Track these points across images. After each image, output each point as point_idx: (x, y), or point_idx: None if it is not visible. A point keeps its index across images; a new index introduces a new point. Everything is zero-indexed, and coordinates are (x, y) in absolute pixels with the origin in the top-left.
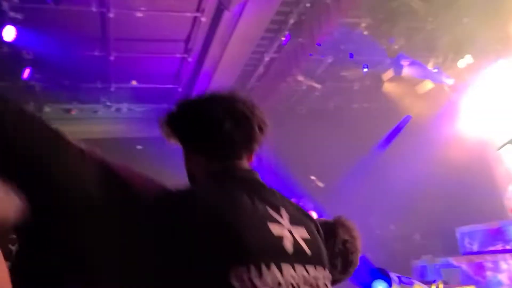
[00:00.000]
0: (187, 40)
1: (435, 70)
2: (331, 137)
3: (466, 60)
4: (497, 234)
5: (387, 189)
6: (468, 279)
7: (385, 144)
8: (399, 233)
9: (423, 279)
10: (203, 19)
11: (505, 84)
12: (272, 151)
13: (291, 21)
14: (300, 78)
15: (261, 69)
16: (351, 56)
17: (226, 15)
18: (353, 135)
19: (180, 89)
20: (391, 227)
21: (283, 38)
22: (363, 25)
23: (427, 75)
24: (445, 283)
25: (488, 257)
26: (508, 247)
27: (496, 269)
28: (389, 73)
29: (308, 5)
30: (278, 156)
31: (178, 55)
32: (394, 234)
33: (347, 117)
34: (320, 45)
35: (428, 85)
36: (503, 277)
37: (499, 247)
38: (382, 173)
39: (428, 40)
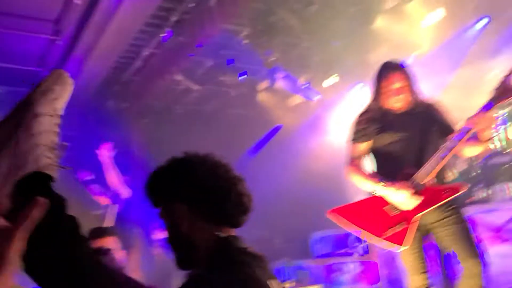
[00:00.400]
0: (57, 21)
1: (306, 85)
2: (205, 140)
3: (333, 79)
4: (344, 239)
5: (254, 194)
6: (317, 280)
7: (255, 151)
8: (262, 237)
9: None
10: (77, 1)
11: (362, 104)
12: (144, 147)
13: (174, 18)
14: (179, 77)
15: (138, 63)
16: (231, 62)
17: (104, 1)
18: (227, 139)
19: (45, 73)
20: (256, 231)
21: (164, 35)
22: (244, 33)
23: (298, 90)
24: (297, 282)
25: (335, 260)
26: (351, 251)
27: (341, 270)
28: (265, 84)
29: (192, 5)
30: (150, 154)
31: (45, 36)
32: (258, 238)
33: (222, 121)
34: (201, 46)
35: (298, 98)
36: (346, 278)
37: (344, 251)
38: (251, 178)
39: (302, 56)
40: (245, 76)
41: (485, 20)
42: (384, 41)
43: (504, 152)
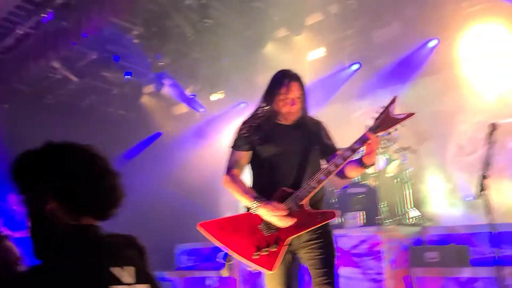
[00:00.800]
0: None
1: (192, 96)
2: (76, 136)
3: (218, 95)
4: (210, 253)
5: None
6: None
7: (131, 155)
8: None
9: None
10: None
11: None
12: (3, 133)
13: (59, 0)
14: (56, 65)
15: (9, 41)
16: (117, 59)
17: None
18: (101, 139)
19: None
20: None
21: (44, 16)
22: (135, 32)
23: (184, 99)
24: None
25: (196, 273)
26: (215, 265)
27: (202, 284)
28: (150, 87)
29: None
30: (7, 142)
31: None
32: None
33: (99, 119)
34: (86, 36)
35: (183, 108)
36: None
37: (208, 265)
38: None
39: (191, 67)
40: (130, 76)
41: (356, 66)
42: (271, 66)
43: (359, 184)
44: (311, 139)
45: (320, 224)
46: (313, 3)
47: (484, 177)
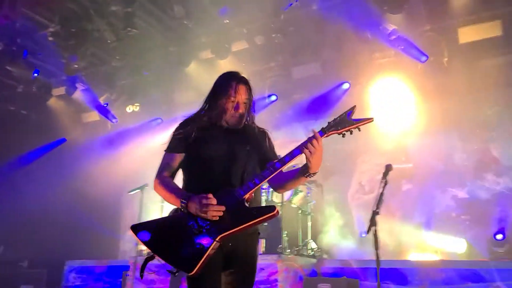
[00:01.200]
0: None
1: (105, 105)
2: None
3: (134, 107)
4: (103, 272)
5: (10, 206)
6: None
7: (29, 159)
8: (7, 257)
9: None
10: None
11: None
12: None
13: None
14: None
15: None
16: (26, 54)
17: None
18: None
19: None
20: (0, 249)
21: None
22: (51, 30)
23: (96, 107)
24: None
25: None
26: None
27: None
28: (61, 90)
29: None
30: None
31: None
32: (0, 258)
33: None
34: None
35: (94, 116)
36: None
37: (100, 285)
38: (14, 188)
39: (109, 75)
40: (38, 74)
41: (274, 97)
42: (192, 86)
43: None
44: (252, 145)
45: (257, 220)
46: (240, 31)
47: (375, 213)
